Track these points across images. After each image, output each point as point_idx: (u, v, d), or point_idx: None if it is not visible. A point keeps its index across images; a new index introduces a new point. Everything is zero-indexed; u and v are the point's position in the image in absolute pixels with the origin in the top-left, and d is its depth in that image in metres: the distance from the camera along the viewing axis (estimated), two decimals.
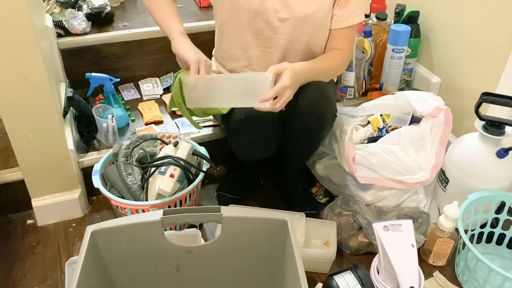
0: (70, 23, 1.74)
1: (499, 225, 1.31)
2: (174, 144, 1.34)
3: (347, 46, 1.27)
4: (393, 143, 1.33)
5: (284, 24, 1.23)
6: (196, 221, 0.92)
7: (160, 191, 1.23)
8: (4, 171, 1.39)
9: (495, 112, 1.35)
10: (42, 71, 1.18)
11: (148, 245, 0.92)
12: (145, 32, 1.81)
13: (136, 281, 0.98)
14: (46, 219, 1.39)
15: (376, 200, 1.36)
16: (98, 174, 1.29)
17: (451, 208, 1.19)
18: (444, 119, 1.31)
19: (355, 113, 1.47)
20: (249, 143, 1.26)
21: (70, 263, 1.11)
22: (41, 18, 1.52)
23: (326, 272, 1.25)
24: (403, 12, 1.68)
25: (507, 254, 1.32)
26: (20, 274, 1.23)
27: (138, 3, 2.14)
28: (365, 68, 1.71)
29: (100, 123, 1.48)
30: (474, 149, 1.26)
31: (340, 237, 1.29)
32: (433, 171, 1.31)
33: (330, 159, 1.45)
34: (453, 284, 1.21)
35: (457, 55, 1.55)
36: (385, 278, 1.11)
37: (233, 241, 0.94)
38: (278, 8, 1.21)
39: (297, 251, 0.86)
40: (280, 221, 0.92)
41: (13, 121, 1.22)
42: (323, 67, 1.22)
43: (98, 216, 1.42)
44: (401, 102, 1.39)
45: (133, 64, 1.85)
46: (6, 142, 1.45)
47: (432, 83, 1.66)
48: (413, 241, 1.10)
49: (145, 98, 1.78)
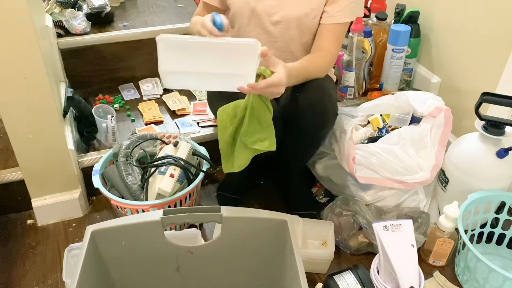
0: (70, 23, 1.74)
1: (499, 225, 1.31)
2: (174, 144, 1.34)
3: (333, 46, 1.25)
4: (393, 143, 1.33)
5: (278, 27, 1.24)
6: (196, 221, 0.93)
7: (160, 191, 1.23)
8: (4, 171, 1.39)
9: (495, 112, 1.35)
10: (42, 71, 1.18)
11: (148, 245, 0.92)
12: (145, 32, 1.82)
13: (136, 281, 0.98)
14: (46, 219, 1.39)
15: (376, 200, 1.36)
16: (98, 174, 1.29)
17: (451, 208, 1.19)
18: (444, 119, 1.31)
19: (355, 113, 1.47)
20: None
21: (70, 250, 1.12)
22: (41, 18, 1.52)
23: (324, 272, 1.25)
24: (403, 12, 1.68)
25: (507, 254, 1.32)
26: (20, 274, 1.23)
27: (138, 3, 2.14)
28: (365, 68, 1.71)
29: (100, 123, 1.48)
30: (474, 149, 1.26)
31: (340, 237, 1.29)
32: (433, 171, 1.31)
33: (330, 159, 1.45)
34: (453, 284, 1.21)
35: (457, 55, 1.55)
36: (385, 278, 1.11)
37: (233, 241, 0.94)
38: (271, 11, 1.22)
39: (297, 251, 0.86)
40: (280, 221, 0.92)
41: (13, 121, 1.22)
42: (311, 70, 1.20)
43: (98, 216, 1.42)
44: (401, 102, 1.39)
45: (133, 64, 1.85)
46: (6, 142, 1.45)
47: (432, 83, 1.66)
48: (413, 241, 1.10)
49: (145, 98, 1.78)
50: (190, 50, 0.92)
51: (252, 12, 1.23)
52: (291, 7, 1.21)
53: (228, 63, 0.93)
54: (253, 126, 1.11)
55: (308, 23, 1.24)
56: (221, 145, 1.20)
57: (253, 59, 0.92)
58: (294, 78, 1.12)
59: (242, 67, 0.93)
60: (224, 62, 0.93)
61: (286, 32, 1.25)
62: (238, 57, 0.92)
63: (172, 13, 2.05)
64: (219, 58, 0.92)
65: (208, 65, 0.93)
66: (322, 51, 1.25)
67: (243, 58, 0.92)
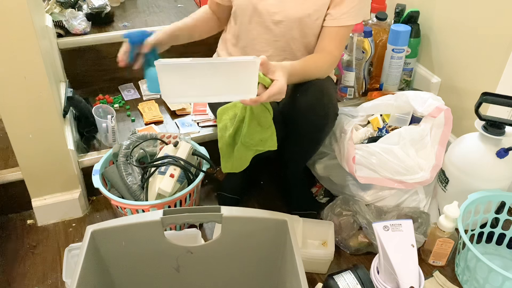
0: (70, 23, 1.74)
1: (499, 225, 1.31)
2: (174, 144, 1.34)
3: (336, 49, 1.24)
4: (393, 143, 1.33)
5: (279, 26, 1.23)
6: (196, 221, 0.93)
7: (160, 191, 1.23)
8: (4, 171, 1.39)
9: (495, 112, 1.35)
10: (42, 71, 1.18)
11: (148, 245, 0.92)
12: None
13: (136, 281, 0.98)
14: (46, 219, 1.39)
15: (376, 200, 1.36)
16: (98, 174, 1.29)
17: (451, 208, 1.19)
18: (444, 119, 1.31)
19: (355, 113, 1.47)
20: None
21: (70, 250, 1.12)
22: (41, 18, 1.52)
23: (324, 272, 1.25)
24: (403, 12, 1.68)
25: (507, 254, 1.32)
26: (20, 274, 1.23)
27: (138, 3, 2.14)
28: (365, 68, 1.71)
29: (100, 123, 1.48)
30: (474, 149, 1.26)
31: (340, 237, 1.30)
32: (433, 171, 1.31)
33: (330, 159, 1.45)
34: (453, 284, 1.21)
35: (457, 55, 1.55)
36: (385, 278, 1.11)
37: (233, 241, 0.94)
38: (273, 10, 1.21)
39: (297, 251, 0.86)
40: (280, 221, 0.92)
41: (13, 121, 1.22)
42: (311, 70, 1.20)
43: (98, 216, 1.42)
44: (401, 102, 1.39)
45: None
46: (6, 142, 1.45)
47: (432, 83, 1.66)
48: (413, 241, 1.09)
49: (145, 98, 1.78)
50: (190, 73, 0.92)
51: (254, 10, 1.22)
52: (294, 7, 1.21)
53: (230, 82, 0.93)
54: (253, 128, 1.11)
55: (311, 25, 1.23)
56: (221, 145, 1.20)
57: (254, 75, 0.92)
58: (293, 77, 1.12)
59: (244, 84, 0.93)
60: (225, 81, 0.93)
61: (287, 32, 1.24)
62: (238, 75, 0.93)
63: (172, 13, 2.05)
64: (220, 78, 0.93)
65: (210, 86, 0.93)
66: (324, 53, 1.24)
67: (243, 75, 0.93)
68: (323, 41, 1.25)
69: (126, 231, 0.90)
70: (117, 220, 0.90)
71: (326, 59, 1.24)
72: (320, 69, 1.22)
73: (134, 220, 0.90)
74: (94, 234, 0.88)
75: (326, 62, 1.24)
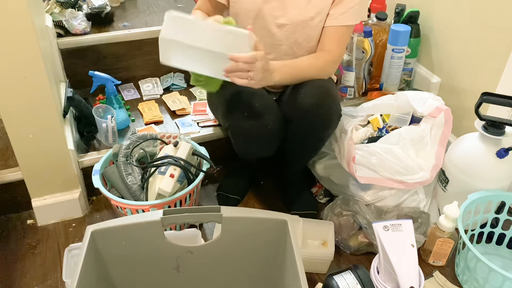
0: (70, 23, 1.74)
1: (499, 225, 1.31)
2: (174, 144, 1.34)
3: (335, 48, 1.25)
4: (393, 143, 1.33)
5: (282, 30, 1.23)
6: (196, 221, 0.93)
7: (160, 191, 1.23)
8: (4, 171, 1.39)
9: (495, 112, 1.35)
10: (42, 71, 1.18)
11: (148, 245, 0.92)
12: (145, 32, 1.81)
13: (136, 281, 0.98)
14: (46, 219, 1.39)
15: (376, 200, 1.36)
16: (98, 174, 1.29)
17: (451, 208, 1.19)
18: (444, 119, 1.31)
19: (355, 113, 1.47)
20: (251, 141, 1.26)
21: (70, 250, 1.12)
22: (41, 18, 1.52)
23: (324, 272, 1.25)
24: (403, 12, 1.68)
25: (507, 254, 1.32)
26: (20, 274, 1.23)
27: (138, 3, 2.14)
28: (365, 68, 1.71)
29: (100, 123, 1.47)
30: (474, 149, 1.26)
31: (340, 237, 1.30)
32: (433, 171, 1.31)
33: (330, 159, 1.45)
34: (453, 284, 1.21)
35: (457, 55, 1.55)
36: (385, 278, 1.11)
37: (233, 241, 0.94)
38: (276, 14, 1.21)
39: (297, 251, 0.86)
40: (280, 221, 0.92)
41: (13, 121, 1.22)
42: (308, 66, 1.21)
43: (98, 216, 1.42)
44: (401, 102, 1.39)
45: (133, 64, 1.85)
46: (6, 142, 1.45)
47: (432, 83, 1.66)
48: (413, 241, 1.10)
49: (145, 98, 1.78)
50: (191, 26, 1.07)
51: (258, 13, 1.22)
52: (297, 10, 1.21)
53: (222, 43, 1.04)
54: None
55: (314, 27, 1.23)
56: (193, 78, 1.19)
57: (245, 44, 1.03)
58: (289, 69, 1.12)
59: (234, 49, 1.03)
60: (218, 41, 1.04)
61: (291, 35, 1.24)
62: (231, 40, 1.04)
63: None
64: (214, 38, 1.05)
65: (203, 40, 1.05)
66: (323, 51, 1.25)
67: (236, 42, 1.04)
68: (322, 40, 1.26)
69: (126, 231, 0.90)
70: (117, 220, 0.90)
71: (324, 57, 1.24)
72: (318, 66, 1.22)
73: (134, 220, 0.90)
74: (94, 234, 0.88)
75: (324, 60, 1.24)
